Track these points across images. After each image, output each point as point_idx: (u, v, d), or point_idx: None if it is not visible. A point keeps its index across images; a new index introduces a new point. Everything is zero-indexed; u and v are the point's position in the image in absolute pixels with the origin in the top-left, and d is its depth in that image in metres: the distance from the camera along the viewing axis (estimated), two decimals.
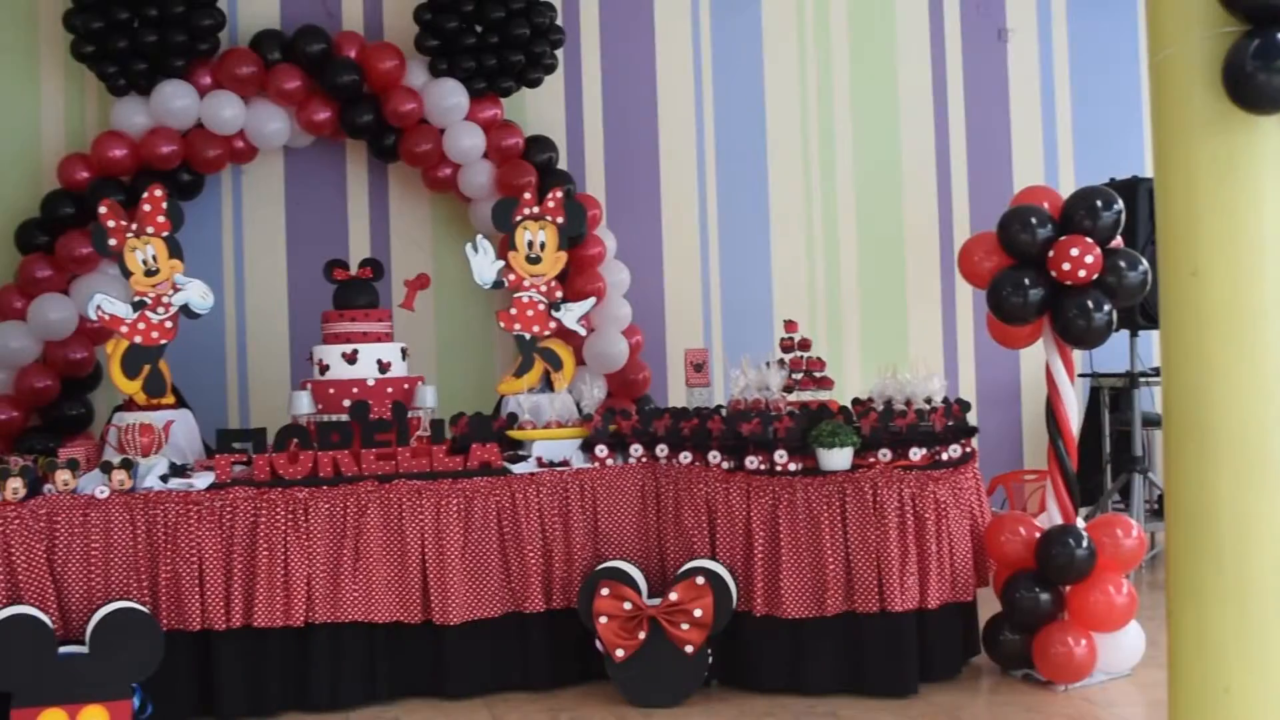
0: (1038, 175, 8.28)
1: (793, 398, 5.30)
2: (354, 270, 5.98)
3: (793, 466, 4.95)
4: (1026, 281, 4.82)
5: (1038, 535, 4.98)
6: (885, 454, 4.98)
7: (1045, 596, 4.89)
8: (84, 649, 4.52)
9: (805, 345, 5.49)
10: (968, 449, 5.17)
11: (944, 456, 5.05)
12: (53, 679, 4.44)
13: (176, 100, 6.77)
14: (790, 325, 5.55)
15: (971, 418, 5.31)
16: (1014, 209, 4.96)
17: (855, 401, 5.48)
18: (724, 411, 5.33)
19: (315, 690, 4.93)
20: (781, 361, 5.44)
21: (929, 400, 5.18)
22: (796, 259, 8.02)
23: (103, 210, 5.45)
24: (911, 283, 8.14)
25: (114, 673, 4.51)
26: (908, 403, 5.19)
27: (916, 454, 4.98)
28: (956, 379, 8.10)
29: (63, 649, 4.49)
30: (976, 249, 5.11)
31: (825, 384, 5.40)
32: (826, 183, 8.08)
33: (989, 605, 5.18)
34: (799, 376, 5.37)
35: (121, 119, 6.86)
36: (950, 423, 5.11)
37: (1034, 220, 4.85)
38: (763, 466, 4.97)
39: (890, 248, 8.12)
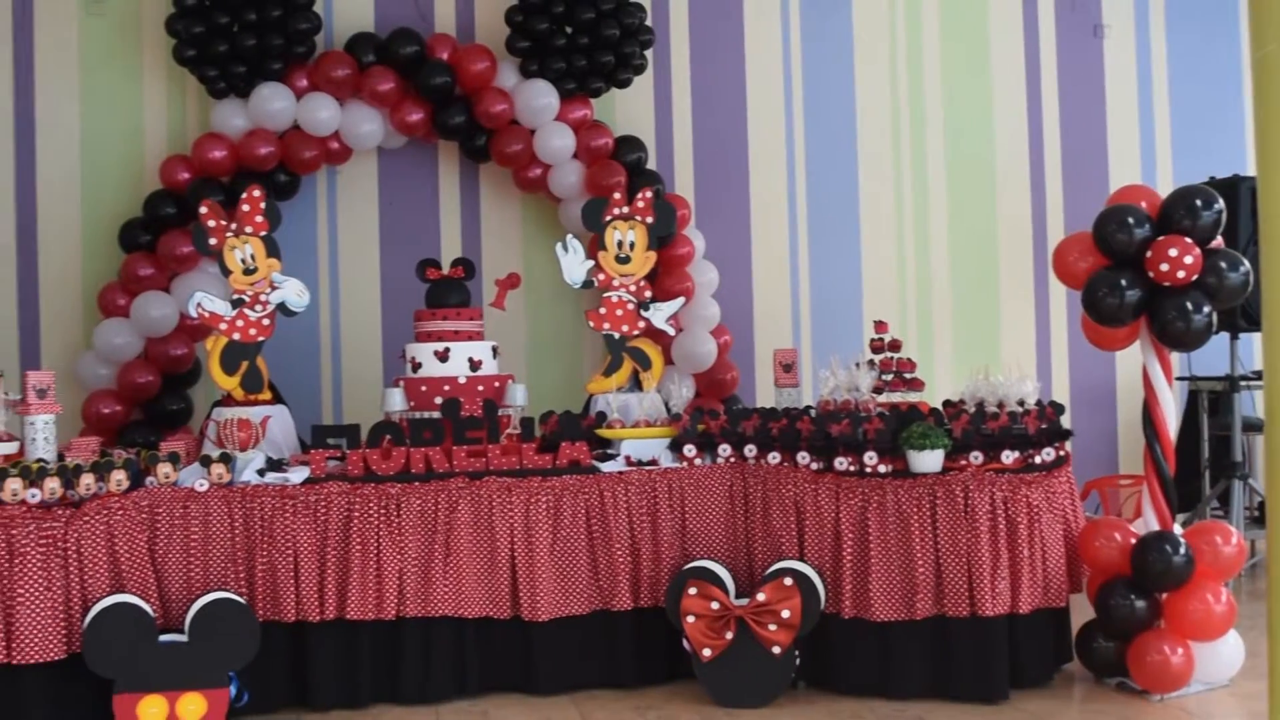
0: (1134, 174, 8.12)
1: (882, 399, 5.26)
2: (446, 269, 6.04)
3: (882, 468, 4.91)
4: (1123, 282, 4.74)
5: (1133, 541, 4.89)
6: (977, 457, 4.92)
7: (1141, 604, 4.80)
8: (183, 638, 4.63)
9: (895, 346, 5.44)
10: (1061, 452, 5.10)
11: (1037, 460, 4.98)
12: (153, 666, 4.54)
13: (274, 102, 6.90)
14: (880, 326, 5.51)
15: (1065, 421, 5.24)
16: (1111, 208, 4.88)
17: (946, 404, 5.42)
18: (813, 412, 5.31)
19: (406, 683, 5.00)
20: (871, 362, 5.39)
21: (1022, 403, 5.12)
22: (886, 258, 7.95)
23: (203, 210, 5.58)
24: (1004, 283, 8.02)
25: (212, 661, 4.61)
26: (1000, 405, 5.13)
27: (1009, 457, 4.92)
28: (1050, 381, 7.96)
29: (163, 637, 4.60)
30: (1072, 249, 5.03)
31: (916, 385, 5.35)
32: (918, 181, 8.00)
33: (1082, 612, 5.10)
34: (889, 378, 5.33)
35: (221, 121, 7.02)
36: (1043, 425, 5.03)
37: (1131, 220, 4.77)
38: (852, 468, 4.94)
39: (983, 247, 8.02)
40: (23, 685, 4.41)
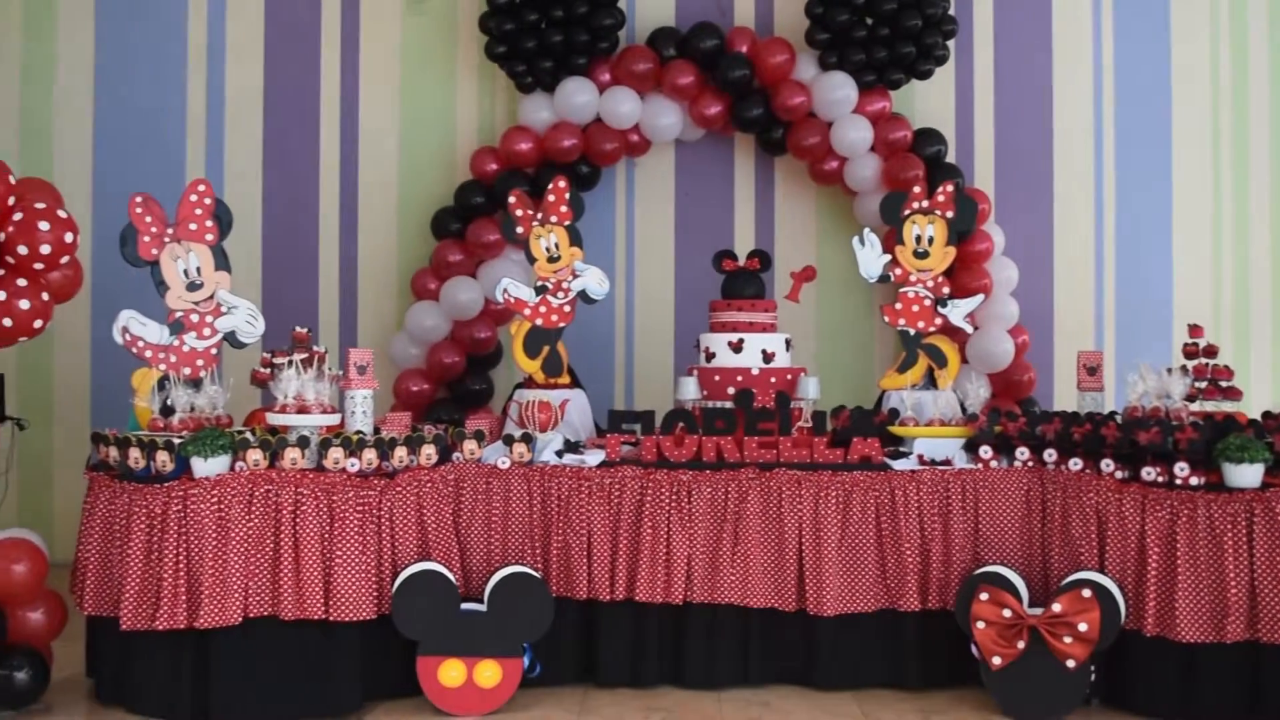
0: None
1: (1195, 407, 4.98)
2: (742, 261, 6.09)
3: (1194, 480, 4.64)
4: None
5: None
6: None
7: None
8: (482, 607, 4.83)
9: (1211, 352, 5.14)
10: None
11: None
12: (454, 632, 4.77)
13: (578, 96, 7.13)
14: (1195, 330, 5.21)
15: None
16: None
17: (1266, 415, 5.07)
18: (1119, 418, 5.07)
19: (690, 667, 5.07)
20: (1184, 368, 5.11)
21: None
22: (1201, 259, 7.52)
23: (512, 200, 5.80)
24: None
25: (508, 631, 4.80)
26: None
27: None
28: None
29: (464, 605, 4.82)
30: None
31: (1233, 394, 5.04)
32: (1239, 179, 7.52)
33: None
34: (1203, 385, 5.04)
35: (528, 114, 7.30)
36: None
37: None
38: (1161, 478, 4.69)
39: None
40: (337, 640, 4.70)
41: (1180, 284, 7.52)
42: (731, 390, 5.61)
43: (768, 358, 5.77)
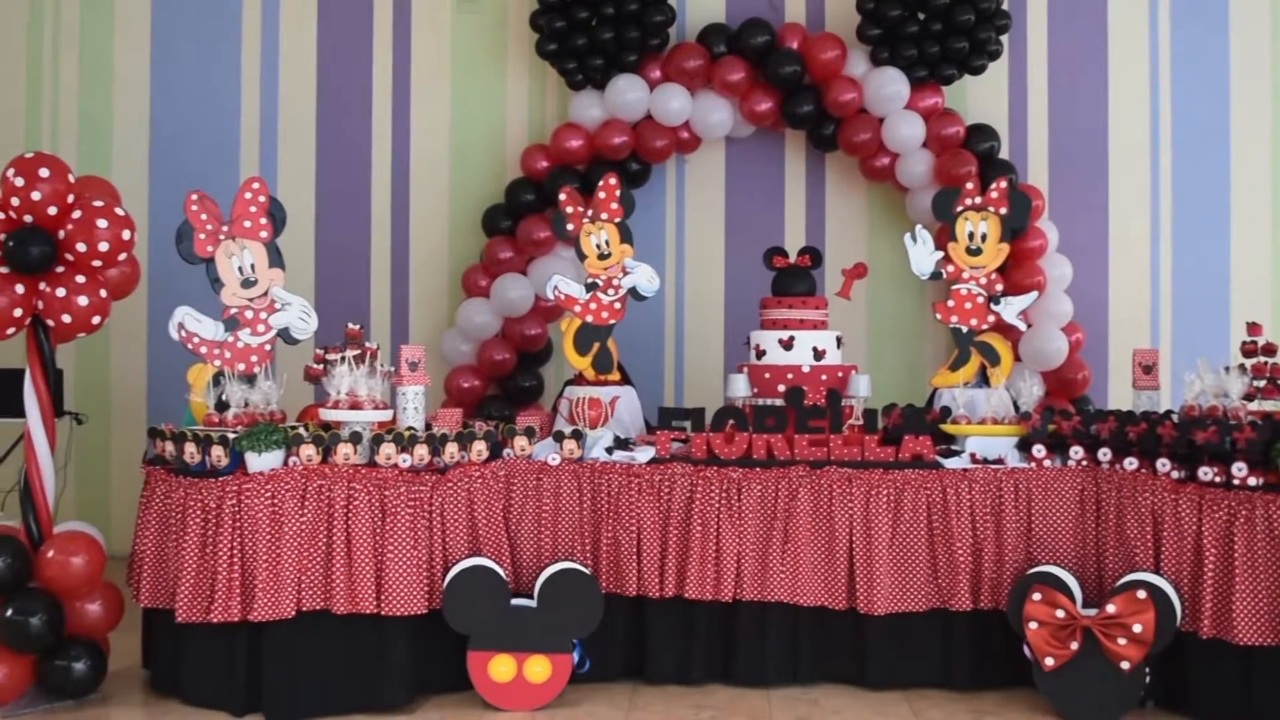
0: None
1: (1254, 407, 4.89)
2: (793, 258, 6.06)
3: (1253, 481, 4.57)
4: None
5: None
6: None
7: None
8: (532, 603, 4.85)
9: (1270, 350, 5.05)
10: None
11: None
12: (504, 627, 4.79)
13: (629, 93, 7.13)
14: (1254, 328, 5.13)
15: None
16: None
17: None
18: (1175, 417, 5.00)
19: (739, 665, 5.06)
20: (1242, 367, 5.03)
21: None
22: (1260, 256, 7.40)
23: (563, 197, 5.82)
24: None
25: (558, 627, 4.82)
26: None
27: None
28: None
29: (514, 601, 4.85)
30: None
31: None
32: None
33: None
34: (1262, 384, 4.95)
35: (578, 111, 7.31)
36: None
37: None
38: (1218, 479, 4.63)
39: None
40: (388, 635, 4.73)
41: (1237, 281, 7.40)
42: (782, 388, 5.60)
43: (818, 355, 5.75)
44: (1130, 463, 4.90)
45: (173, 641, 4.81)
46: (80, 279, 4.78)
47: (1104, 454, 4.98)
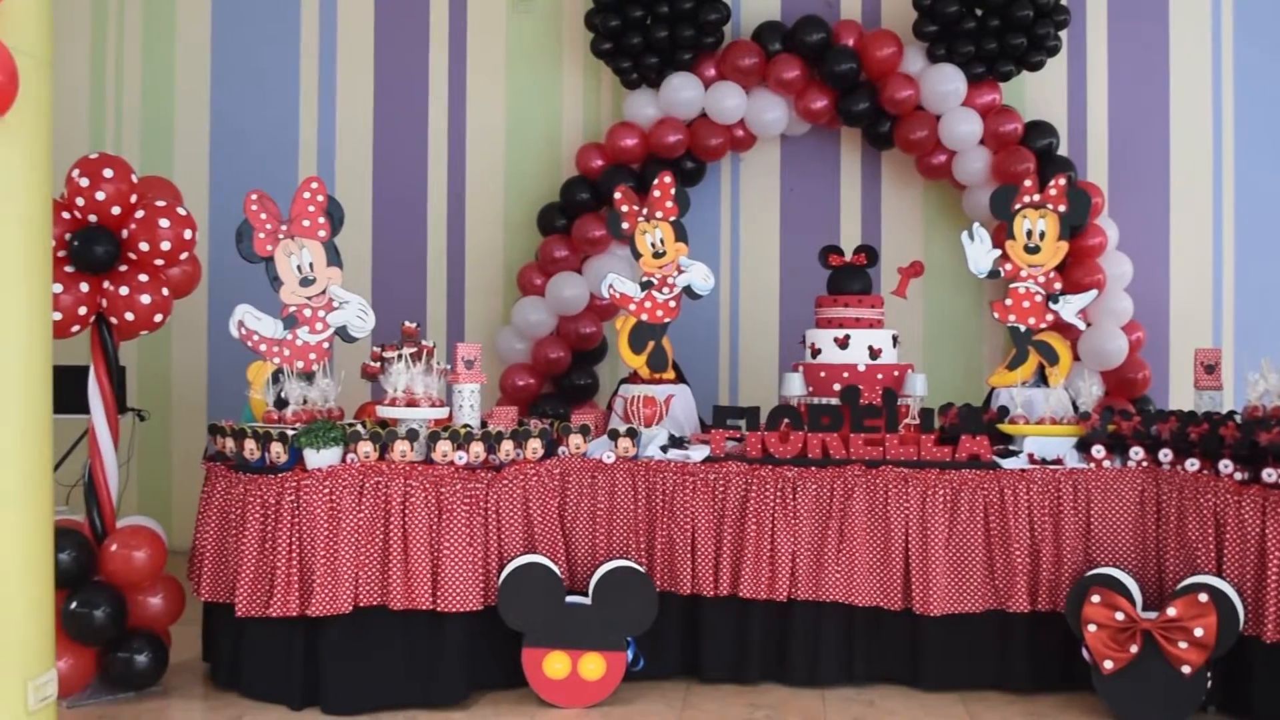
0: None
1: None
2: (849, 256, 6.03)
3: None
4: None
5: None
6: None
7: None
8: (586, 600, 4.86)
9: None
10: None
11: None
12: (559, 625, 4.81)
13: (684, 91, 7.12)
14: None
15: None
16: None
17: None
18: (1238, 418, 4.92)
19: (794, 665, 5.05)
20: None
21: None
22: None
23: (618, 196, 5.82)
24: None
25: (612, 625, 4.83)
26: None
27: None
28: None
29: (569, 598, 4.86)
30: None
31: None
32: None
33: None
34: None
35: (633, 110, 7.32)
36: None
37: None
38: None
39: None
40: (444, 631, 4.76)
41: None
42: (837, 386, 5.57)
43: (874, 354, 5.72)
44: (1192, 464, 4.83)
45: (232, 635, 4.87)
46: (143, 278, 4.86)
47: (1165, 455, 4.91)
